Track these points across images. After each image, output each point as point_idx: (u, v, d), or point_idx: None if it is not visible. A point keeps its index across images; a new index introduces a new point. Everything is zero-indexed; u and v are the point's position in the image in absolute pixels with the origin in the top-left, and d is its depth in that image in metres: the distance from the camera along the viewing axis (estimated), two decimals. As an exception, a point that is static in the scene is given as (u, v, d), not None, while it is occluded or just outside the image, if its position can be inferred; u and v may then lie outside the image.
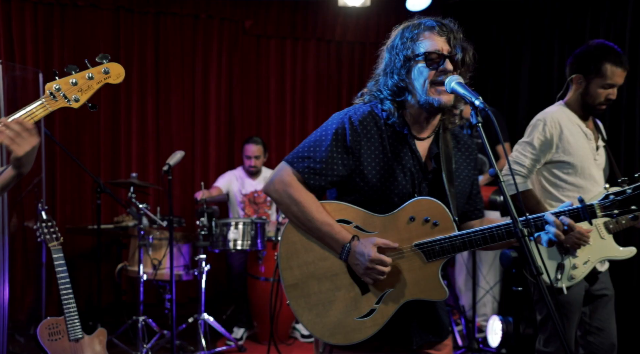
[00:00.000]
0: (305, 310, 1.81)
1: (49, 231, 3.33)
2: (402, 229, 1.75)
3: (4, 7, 4.91)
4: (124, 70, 1.91)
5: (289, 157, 1.84)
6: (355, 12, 5.96)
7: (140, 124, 5.55)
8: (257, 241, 4.30)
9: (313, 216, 1.77)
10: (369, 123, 1.81)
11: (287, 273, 1.83)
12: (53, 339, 3.13)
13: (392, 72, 1.80)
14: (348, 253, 1.75)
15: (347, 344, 1.79)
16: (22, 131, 1.65)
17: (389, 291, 1.76)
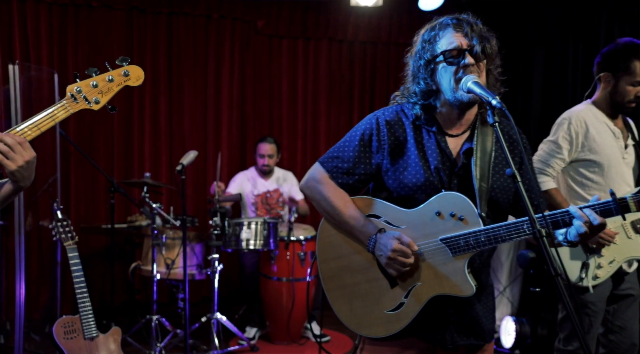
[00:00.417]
0: (340, 302, 1.91)
1: (64, 230, 3.36)
2: (428, 223, 1.78)
3: (19, 8, 4.94)
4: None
5: (322, 158, 1.95)
6: (368, 11, 5.96)
7: (153, 124, 5.58)
8: (269, 241, 4.31)
9: (341, 211, 1.86)
10: (396, 123, 1.86)
11: (323, 265, 1.95)
12: (68, 337, 3.15)
13: (417, 79, 1.84)
14: (374, 245, 1.81)
15: (377, 337, 1.85)
16: (14, 145, 1.62)
17: (416, 285, 1.79)
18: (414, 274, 1.79)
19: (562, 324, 2.79)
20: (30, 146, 1.66)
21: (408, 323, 1.79)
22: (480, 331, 1.86)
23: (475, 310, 1.85)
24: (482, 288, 1.85)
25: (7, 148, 1.61)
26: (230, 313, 4.62)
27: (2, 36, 4.89)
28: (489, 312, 1.90)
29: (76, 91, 1.81)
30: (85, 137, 5.28)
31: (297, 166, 6.08)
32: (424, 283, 1.78)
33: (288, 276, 4.44)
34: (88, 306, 3.23)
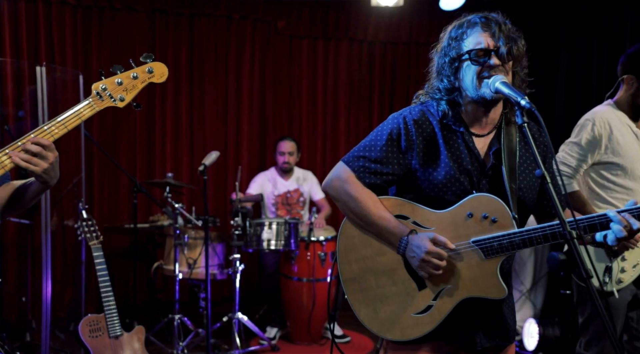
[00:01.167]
0: (362, 304, 1.85)
1: (89, 229, 3.41)
2: (460, 225, 1.75)
3: (45, 10, 5.02)
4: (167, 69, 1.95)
5: (345, 157, 1.89)
6: (388, 11, 5.94)
7: (174, 124, 5.63)
8: (290, 241, 4.31)
9: (370, 211, 1.81)
10: (424, 122, 1.83)
11: (345, 267, 1.89)
12: (94, 336, 3.19)
13: (442, 75, 1.82)
14: (405, 246, 1.77)
15: (403, 341, 1.80)
16: (39, 152, 1.65)
17: (446, 288, 1.76)
18: (444, 276, 1.75)
19: (584, 328, 2.74)
20: (54, 147, 1.68)
21: (436, 326, 1.76)
22: (505, 332, 1.85)
23: (501, 311, 1.84)
24: (509, 289, 1.83)
25: (29, 156, 1.64)
26: (250, 313, 4.63)
27: (28, 38, 4.97)
28: (512, 312, 1.89)
29: (101, 88, 1.83)
30: (108, 137, 5.34)
31: (316, 165, 6.08)
32: (454, 285, 1.75)
33: (309, 276, 4.44)
34: (113, 305, 3.27)
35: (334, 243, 4.54)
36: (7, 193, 1.83)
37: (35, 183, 1.77)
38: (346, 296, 1.87)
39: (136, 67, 1.88)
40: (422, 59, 6.34)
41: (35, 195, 1.79)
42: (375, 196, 1.84)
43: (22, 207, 1.84)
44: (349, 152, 1.91)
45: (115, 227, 5.02)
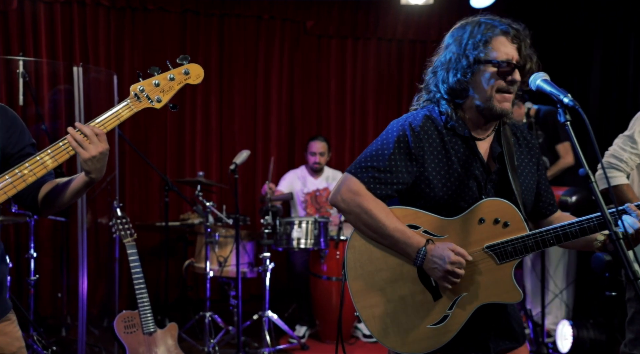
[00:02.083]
0: (374, 320, 1.78)
1: (123, 227, 3.46)
2: (472, 231, 1.73)
3: (79, 12, 5.12)
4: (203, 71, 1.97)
5: (352, 168, 1.82)
6: (418, 10, 5.91)
7: (204, 124, 5.69)
8: (320, 240, 4.32)
9: (384, 223, 1.74)
10: (429, 128, 1.79)
11: (355, 282, 1.80)
12: (128, 332, 3.24)
13: (455, 70, 1.75)
14: (424, 258, 1.71)
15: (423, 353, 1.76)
16: (92, 136, 1.68)
17: (462, 296, 1.73)
18: (460, 284, 1.71)
19: (630, 326, 2.69)
20: (106, 139, 1.71)
21: (454, 335, 1.73)
22: (514, 333, 1.84)
23: (507, 313, 1.83)
24: None
25: (83, 138, 1.67)
26: (279, 311, 4.64)
27: (63, 39, 5.08)
28: (516, 314, 1.88)
29: (139, 90, 1.85)
30: (140, 137, 5.42)
31: (344, 165, 6.07)
32: (470, 292, 1.73)
33: (338, 275, 4.44)
34: (146, 301, 3.31)
35: (363, 242, 4.52)
36: (48, 190, 1.85)
37: (79, 179, 1.78)
38: (356, 312, 1.79)
39: (173, 68, 1.90)
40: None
41: (78, 191, 1.81)
42: (387, 207, 1.78)
43: (64, 204, 1.85)
44: (353, 163, 1.84)
45: (146, 226, 5.09)
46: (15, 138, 1.85)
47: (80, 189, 1.80)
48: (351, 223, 1.83)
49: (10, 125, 1.85)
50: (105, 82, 4.49)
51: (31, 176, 1.68)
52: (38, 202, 1.87)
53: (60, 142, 1.72)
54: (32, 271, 3.97)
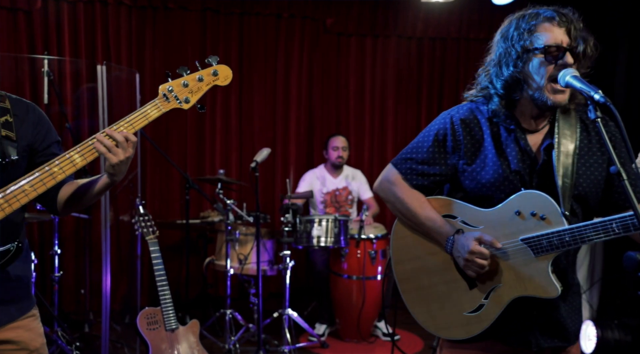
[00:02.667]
0: (416, 303, 1.88)
1: (146, 224, 3.48)
2: (508, 223, 1.72)
3: (102, 11, 5.17)
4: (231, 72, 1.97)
5: (394, 160, 1.94)
6: (438, 7, 5.87)
7: (224, 122, 5.70)
8: (340, 238, 4.32)
9: (417, 212, 1.85)
10: (471, 121, 1.81)
11: (399, 266, 1.93)
12: (151, 328, 3.27)
13: (507, 63, 1.74)
14: (452, 246, 1.77)
15: (457, 339, 1.81)
16: (122, 142, 1.69)
17: (497, 287, 1.75)
18: (493, 275, 1.74)
19: None
20: (135, 145, 1.73)
21: (489, 325, 1.75)
22: (565, 332, 1.79)
23: (559, 311, 1.78)
24: (568, 287, 1.78)
25: (111, 144, 1.68)
26: (298, 309, 4.65)
27: (86, 38, 5.13)
28: (574, 313, 1.83)
29: (168, 90, 1.85)
30: (161, 135, 5.46)
31: (364, 163, 6.07)
32: (505, 284, 1.73)
33: (358, 274, 4.44)
34: (169, 298, 3.33)
35: (384, 241, 4.53)
36: (71, 190, 1.87)
37: (101, 180, 1.80)
38: (401, 295, 1.90)
39: (201, 69, 1.90)
40: (472, 55, 6.24)
41: (100, 192, 1.83)
42: (422, 197, 1.86)
43: (84, 204, 1.88)
44: (398, 154, 1.93)
45: (167, 223, 5.12)
46: (42, 135, 1.87)
47: (102, 190, 1.83)
48: (391, 210, 1.95)
49: (37, 122, 1.87)
50: (126, 80, 4.52)
51: (60, 174, 1.70)
52: (57, 201, 1.89)
53: (89, 141, 1.73)
54: (56, 267, 4.03)
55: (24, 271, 1.82)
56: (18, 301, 1.81)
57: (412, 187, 1.87)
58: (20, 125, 1.81)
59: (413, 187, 1.87)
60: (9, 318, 1.78)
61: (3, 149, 1.72)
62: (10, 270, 1.73)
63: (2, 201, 1.63)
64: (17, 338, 1.79)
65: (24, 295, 1.84)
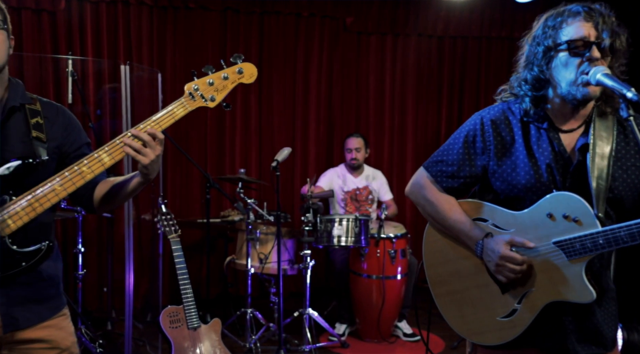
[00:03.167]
0: (449, 308, 1.86)
1: (168, 223, 3.51)
2: (540, 226, 1.69)
3: (124, 11, 5.21)
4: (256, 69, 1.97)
5: (426, 162, 1.94)
6: (459, 5, 5.83)
7: (244, 121, 5.72)
8: (360, 238, 4.30)
9: (446, 215, 1.83)
10: (502, 122, 1.79)
11: (431, 270, 1.92)
12: (174, 326, 3.28)
13: (532, 64, 1.73)
14: (482, 250, 1.75)
15: (491, 345, 1.78)
16: (150, 141, 1.68)
17: (530, 291, 1.71)
18: (526, 279, 1.71)
19: None
20: (163, 141, 1.73)
21: (522, 331, 1.72)
22: (601, 339, 1.75)
23: (595, 317, 1.74)
24: (603, 292, 1.74)
25: (140, 146, 1.68)
26: (318, 309, 4.65)
27: (108, 38, 5.17)
28: (611, 318, 1.78)
29: (194, 88, 1.86)
30: (181, 134, 5.48)
31: (383, 162, 6.05)
32: (538, 288, 1.70)
33: (378, 273, 4.42)
34: (191, 297, 3.35)
35: (404, 240, 4.50)
36: (105, 189, 1.89)
37: (135, 178, 1.82)
38: (434, 299, 1.88)
39: (226, 67, 1.91)
40: (493, 54, 6.19)
41: (134, 190, 1.84)
42: (452, 200, 1.85)
43: (118, 203, 1.89)
44: (430, 157, 1.93)
45: (187, 222, 5.14)
46: (72, 137, 1.89)
47: (136, 188, 1.84)
48: (422, 214, 1.94)
49: (67, 124, 1.89)
50: (148, 80, 4.55)
51: (89, 173, 1.71)
52: (94, 200, 1.91)
53: (117, 140, 1.74)
54: (79, 265, 4.07)
55: (54, 271, 1.84)
56: (49, 300, 1.83)
57: (443, 190, 1.86)
58: (51, 127, 1.84)
59: (443, 190, 1.86)
60: (40, 317, 1.80)
61: (34, 150, 1.74)
62: (40, 270, 1.75)
63: (33, 201, 1.65)
64: (49, 336, 1.81)
65: (55, 294, 1.86)
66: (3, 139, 1.73)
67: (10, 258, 1.65)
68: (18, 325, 1.75)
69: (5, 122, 1.75)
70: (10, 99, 1.78)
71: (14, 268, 1.66)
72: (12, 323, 1.73)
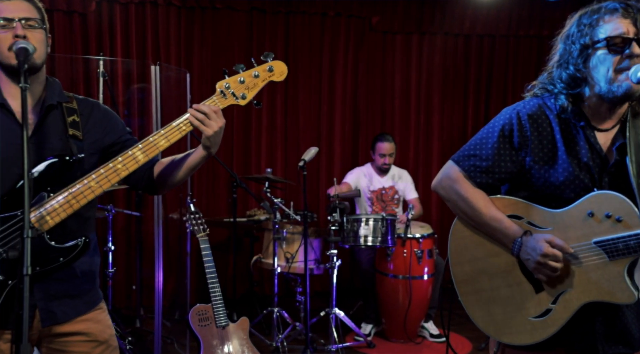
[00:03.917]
0: (476, 307, 1.81)
1: (196, 222, 3.53)
2: (579, 225, 1.65)
3: (152, 12, 5.27)
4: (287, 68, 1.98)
5: (455, 156, 1.85)
6: (486, 4, 5.78)
7: (269, 120, 5.74)
8: (387, 238, 4.28)
9: (481, 211, 1.76)
10: (539, 117, 1.74)
11: (457, 268, 1.85)
12: (202, 325, 3.31)
13: (567, 63, 1.69)
14: (520, 248, 1.69)
15: (520, 345, 1.73)
16: (210, 113, 1.77)
17: (566, 291, 1.67)
18: (563, 278, 1.67)
19: None
20: (222, 115, 1.80)
21: (556, 331, 1.68)
22: (630, 338, 1.72)
23: (625, 317, 1.71)
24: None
25: (204, 116, 1.76)
26: (344, 308, 4.64)
27: (137, 38, 5.24)
28: (638, 318, 1.75)
29: (225, 87, 1.87)
30: (208, 134, 5.52)
31: (409, 162, 6.01)
32: (576, 288, 1.66)
33: (405, 273, 4.39)
34: (219, 295, 3.37)
35: (431, 240, 4.47)
36: (161, 168, 1.94)
37: (196, 154, 1.85)
38: (459, 297, 1.83)
39: (257, 66, 1.92)
40: (521, 52, 6.12)
41: (195, 165, 1.88)
42: (486, 196, 1.78)
43: (179, 181, 1.92)
44: (458, 151, 1.86)
45: (213, 221, 5.17)
46: (110, 129, 1.93)
47: (197, 163, 1.88)
48: (451, 209, 1.87)
49: (102, 118, 1.93)
50: (176, 80, 4.59)
51: (124, 170, 1.76)
52: (154, 180, 1.95)
53: (150, 138, 1.77)
54: (110, 263, 4.12)
55: (89, 267, 1.86)
56: (85, 295, 1.86)
57: (476, 186, 1.80)
58: (86, 123, 1.87)
59: (476, 186, 1.79)
60: (77, 311, 1.83)
61: (70, 147, 1.77)
62: (78, 265, 1.78)
63: (70, 197, 1.68)
64: (86, 329, 1.84)
65: (90, 289, 1.89)
66: (42, 137, 1.76)
67: (48, 254, 1.68)
68: (56, 319, 1.78)
69: (43, 120, 1.79)
70: (48, 97, 1.81)
71: (52, 264, 1.69)
72: (50, 317, 1.76)
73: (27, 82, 1.57)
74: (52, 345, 1.80)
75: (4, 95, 1.76)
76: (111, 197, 5.06)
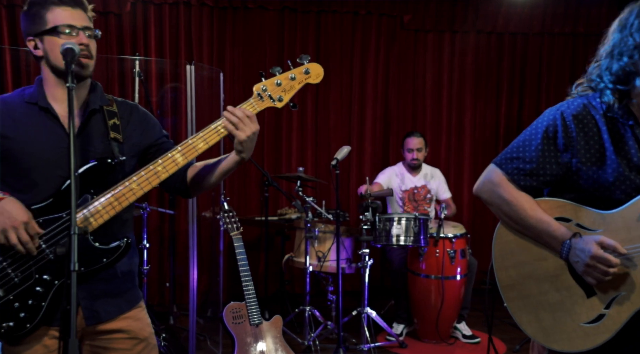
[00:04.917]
0: (523, 312, 1.76)
1: (230, 221, 3.56)
2: (633, 227, 1.60)
3: (185, 12, 5.33)
4: (323, 69, 1.98)
5: (497, 159, 1.81)
6: (520, 1, 5.69)
7: (300, 119, 5.75)
8: (420, 238, 4.26)
9: (527, 214, 1.72)
10: (584, 117, 1.68)
11: (502, 273, 1.80)
12: (236, 322, 3.34)
13: (620, 54, 1.63)
14: (569, 251, 1.65)
15: (572, 352, 1.69)
16: (244, 118, 1.76)
17: (619, 295, 1.63)
18: (616, 282, 1.61)
19: None
20: (256, 120, 1.80)
21: (610, 337, 1.63)
22: None
23: None
24: None
25: (238, 119, 1.76)
26: (375, 308, 4.63)
27: (170, 38, 5.30)
28: None
29: (262, 89, 1.88)
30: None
31: (440, 161, 5.96)
32: (629, 292, 1.61)
33: (437, 273, 4.36)
34: (252, 293, 3.40)
35: (463, 240, 4.43)
36: (194, 172, 1.97)
37: (229, 159, 1.87)
38: (505, 303, 1.79)
39: (293, 68, 1.93)
40: (556, 50, 6.00)
41: (227, 171, 1.89)
42: (531, 199, 1.74)
43: (211, 185, 1.94)
44: (500, 153, 1.82)
45: (245, 220, 5.21)
46: (148, 132, 1.97)
47: (230, 168, 1.89)
48: (495, 214, 1.83)
49: (142, 120, 1.96)
50: (209, 79, 4.64)
51: (164, 173, 1.77)
52: (187, 184, 1.98)
53: (189, 140, 1.79)
54: (144, 260, 4.19)
55: (128, 267, 1.90)
56: (126, 293, 1.90)
57: (520, 189, 1.76)
58: (126, 126, 1.90)
59: (520, 189, 1.76)
60: (119, 310, 1.87)
61: (112, 150, 1.80)
62: (119, 265, 1.82)
63: (112, 199, 1.71)
64: (127, 327, 1.88)
65: (131, 288, 1.93)
66: (85, 140, 1.80)
67: (92, 255, 1.72)
68: (100, 318, 1.82)
69: (86, 123, 1.83)
70: (92, 101, 1.85)
71: (96, 264, 1.73)
72: (94, 316, 1.81)
73: (73, 82, 1.59)
74: (94, 342, 1.85)
75: (48, 99, 1.80)
76: (145, 195, 5.11)
